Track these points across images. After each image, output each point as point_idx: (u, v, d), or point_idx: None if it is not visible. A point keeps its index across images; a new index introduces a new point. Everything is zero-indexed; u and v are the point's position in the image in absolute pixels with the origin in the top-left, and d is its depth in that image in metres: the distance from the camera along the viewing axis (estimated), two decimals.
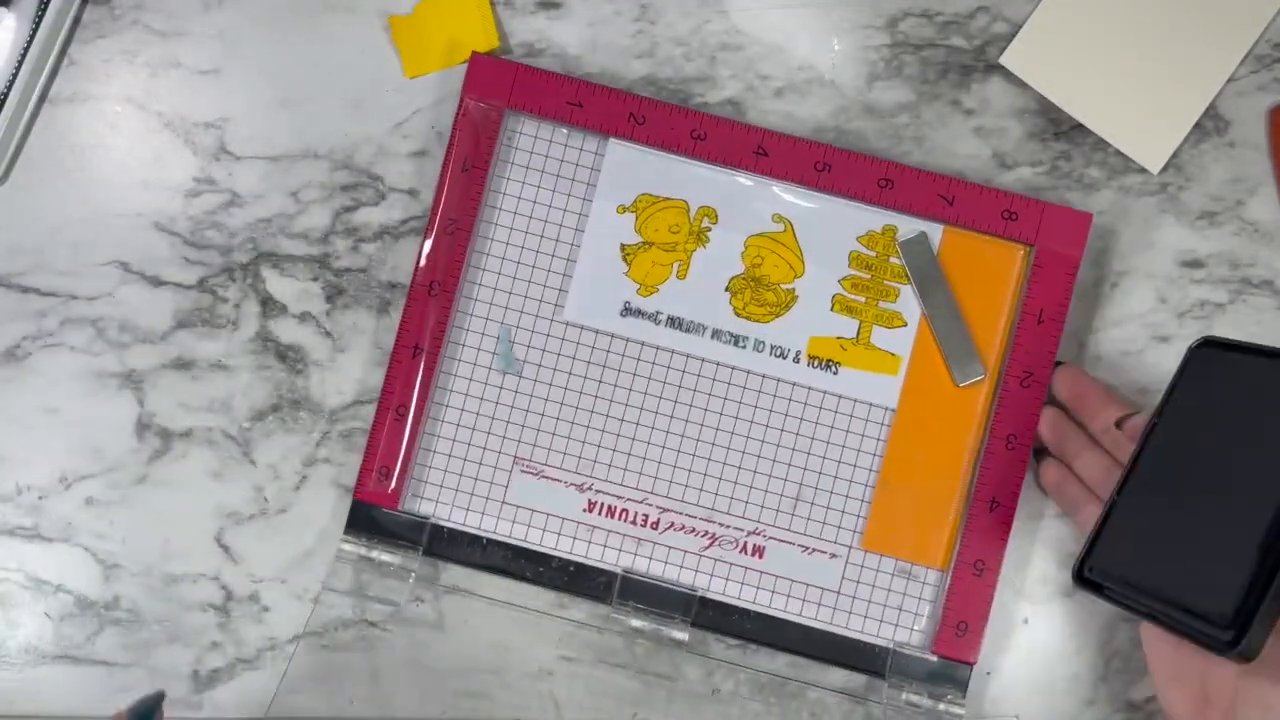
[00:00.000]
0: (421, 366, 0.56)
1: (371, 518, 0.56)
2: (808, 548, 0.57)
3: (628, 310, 0.57)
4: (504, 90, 0.56)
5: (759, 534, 0.57)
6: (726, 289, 0.57)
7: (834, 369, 0.57)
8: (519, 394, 0.57)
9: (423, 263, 0.56)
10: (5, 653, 0.57)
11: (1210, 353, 0.50)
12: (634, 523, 0.57)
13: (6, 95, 0.56)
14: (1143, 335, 0.57)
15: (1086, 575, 0.48)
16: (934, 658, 0.55)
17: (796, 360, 0.57)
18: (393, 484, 0.56)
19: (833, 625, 0.56)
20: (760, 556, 0.57)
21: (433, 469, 0.57)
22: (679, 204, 0.57)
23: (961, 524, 0.56)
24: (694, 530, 0.57)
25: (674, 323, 0.57)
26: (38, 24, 0.56)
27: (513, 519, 0.57)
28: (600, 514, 0.57)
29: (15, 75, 0.56)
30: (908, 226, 0.57)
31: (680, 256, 0.57)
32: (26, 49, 0.56)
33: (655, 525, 0.57)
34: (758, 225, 0.57)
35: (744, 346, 0.57)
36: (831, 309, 0.57)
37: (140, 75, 0.58)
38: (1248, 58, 0.57)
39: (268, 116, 0.58)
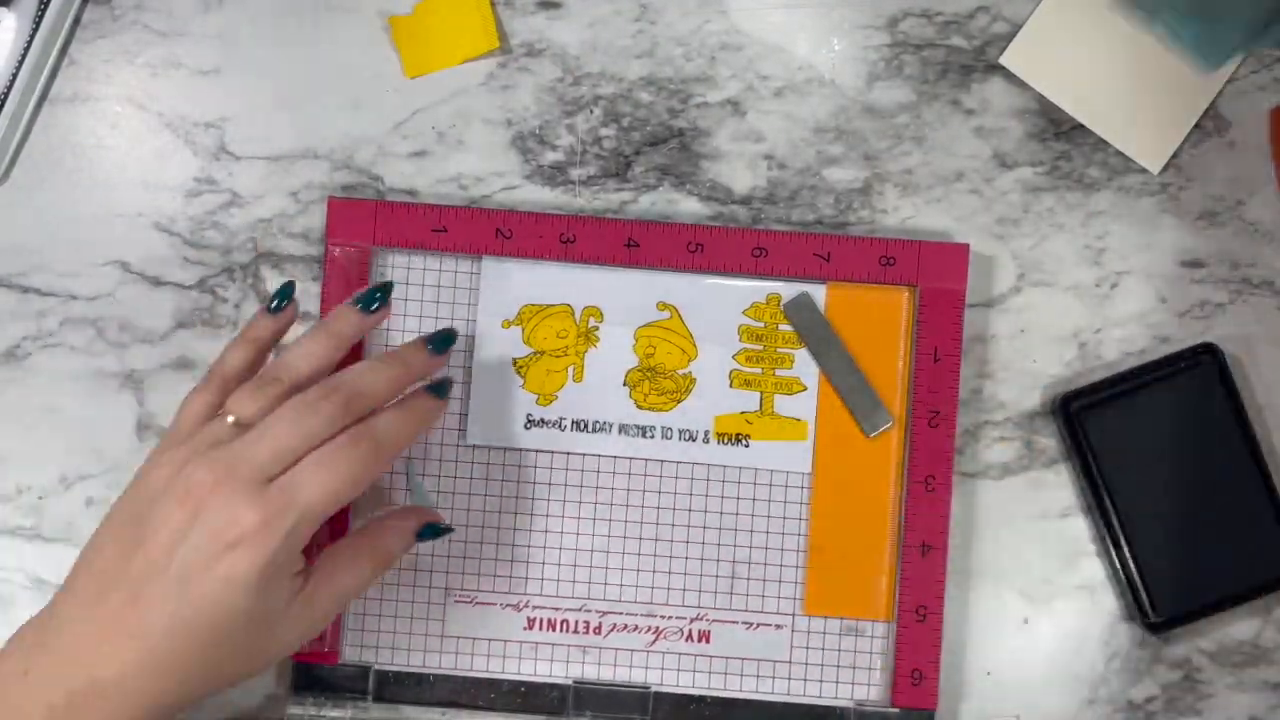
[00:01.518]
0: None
1: (315, 676, 0.56)
2: (751, 623, 0.57)
3: (531, 422, 0.57)
4: (366, 229, 0.56)
5: (702, 619, 0.57)
6: (624, 384, 0.57)
7: (745, 442, 0.57)
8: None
9: None
10: None
11: (1079, 405, 0.55)
12: (577, 632, 0.56)
13: (6, 95, 0.56)
14: (1143, 335, 0.57)
15: (1159, 623, 0.55)
16: (895, 710, 0.55)
17: (706, 441, 0.57)
18: (329, 639, 0.55)
19: (789, 696, 0.56)
20: (707, 641, 0.56)
21: (367, 615, 0.57)
22: (563, 309, 0.57)
23: (897, 573, 0.56)
24: (637, 628, 0.57)
25: (579, 426, 0.57)
26: (38, 24, 0.56)
27: (455, 650, 0.56)
28: (541, 629, 0.56)
29: (15, 75, 0.56)
30: (790, 290, 0.57)
31: (573, 360, 0.57)
32: (26, 49, 0.56)
33: (598, 630, 0.56)
34: (644, 316, 0.57)
35: (652, 436, 0.57)
36: (731, 386, 0.57)
37: (140, 75, 0.58)
38: (1248, 58, 0.57)
39: (268, 116, 0.58)
